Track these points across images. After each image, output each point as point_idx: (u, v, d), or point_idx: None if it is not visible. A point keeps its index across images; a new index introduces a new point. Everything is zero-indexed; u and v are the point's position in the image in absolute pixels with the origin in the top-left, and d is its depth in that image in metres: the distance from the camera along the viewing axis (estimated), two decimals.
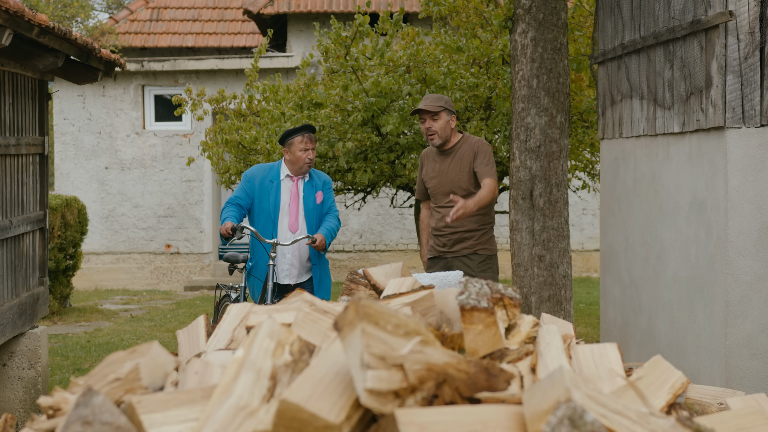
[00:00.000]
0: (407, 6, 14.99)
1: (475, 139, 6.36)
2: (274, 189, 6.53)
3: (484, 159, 6.26)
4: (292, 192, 6.56)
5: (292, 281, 6.58)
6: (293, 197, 6.56)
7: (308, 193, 6.57)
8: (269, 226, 6.49)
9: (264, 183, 6.54)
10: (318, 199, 6.58)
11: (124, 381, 2.03)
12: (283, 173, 6.58)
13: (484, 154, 6.27)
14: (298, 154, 6.48)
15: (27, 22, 6.14)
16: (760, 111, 5.46)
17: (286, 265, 6.54)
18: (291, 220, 6.53)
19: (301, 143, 6.48)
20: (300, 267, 6.58)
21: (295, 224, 6.53)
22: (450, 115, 6.32)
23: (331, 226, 6.55)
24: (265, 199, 6.52)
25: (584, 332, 10.09)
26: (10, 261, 7.27)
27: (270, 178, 6.55)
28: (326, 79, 9.91)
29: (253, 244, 6.60)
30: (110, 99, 15.80)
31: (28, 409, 7.51)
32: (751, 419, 1.96)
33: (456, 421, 1.60)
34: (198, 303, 13.38)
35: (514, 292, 2.29)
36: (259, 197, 6.53)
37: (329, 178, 6.81)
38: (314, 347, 1.97)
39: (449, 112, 6.32)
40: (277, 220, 6.52)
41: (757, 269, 5.50)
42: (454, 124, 6.36)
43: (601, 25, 7.79)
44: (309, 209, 6.55)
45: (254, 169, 6.67)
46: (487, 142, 6.40)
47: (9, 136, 7.17)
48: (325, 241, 6.43)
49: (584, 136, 10.14)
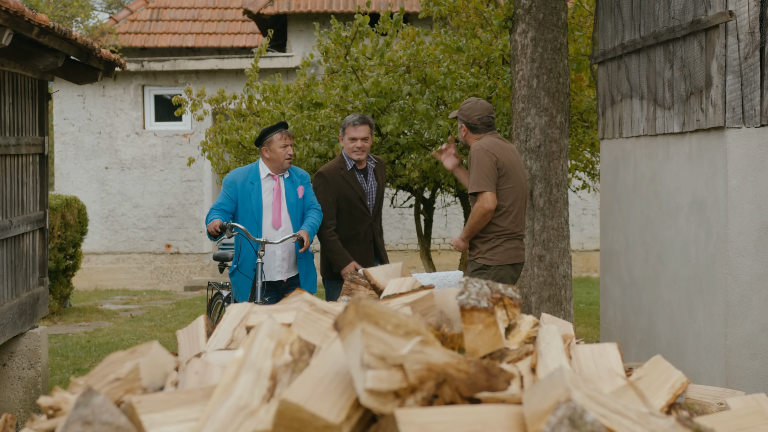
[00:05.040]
0: (407, 6, 14.99)
1: (473, 146, 6.11)
2: (255, 190, 6.62)
3: (470, 170, 6.03)
4: (275, 190, 6.65)
5: (284, 277, 6.64)
6: (276, 195, 6.64)
7: (289, 190, 6.66)
8: (254, 226, 6.57)
9: (245, 185, 6.63)
10: (299, 194, 6.67)
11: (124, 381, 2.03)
12: (264, 173, 6.64)
13: (472, 163, 6.02)
14: (279, 151, 6.55)
15: (27, 22, 6.14)
16: (760, 111, 5.46)
17: (278, 261, 6.62)
18: (274, 216, 6.62)
19: (280, 140, 6.56)
20: (290, 261, 6.67)
21: (278, 221, 6.62)
22: (461, 123, 6.27)
23: (314, 222, 6.66)
24: (247, 201, 6.60)
25: (584, 332, 10.10)
26: (10, 261, 7.27)
27: (250, 180, 6.64)
28: (326, 79, 9.91)
29: (239, 243, 6.65)
30: (110, 99, 15.80)
31: (28, 409, 7.51)
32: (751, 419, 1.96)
33: (456, 421, 1.60)
34: (198, 303, 13.39)
35: (514, 292, 2.29)
36: (242, 199, 6.62)
37: (307, 174, 6.93)
38: (314, 347, 1.97)
39: (460, 120, 6.26)
40: (261, 219, 6.60)
41: (757, 269, 5.50)
42: (464, 131, 6.25)
43: (601, 25, 7.79)
44: (292, 204, 6.65)
45: (233, 174, 6.77)
46: (477, 147, 6.05)
47: (9, 136, 7.17)
48: (309, 238, 6.51)
49: (584, 136, 10.14)
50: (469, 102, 6.22)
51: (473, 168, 5.97)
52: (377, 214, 7.06)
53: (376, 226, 7.06)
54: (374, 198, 7.01)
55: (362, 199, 6.91)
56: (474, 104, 6.19)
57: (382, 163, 7.20)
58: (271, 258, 6.61)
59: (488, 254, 6.04)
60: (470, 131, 6.16)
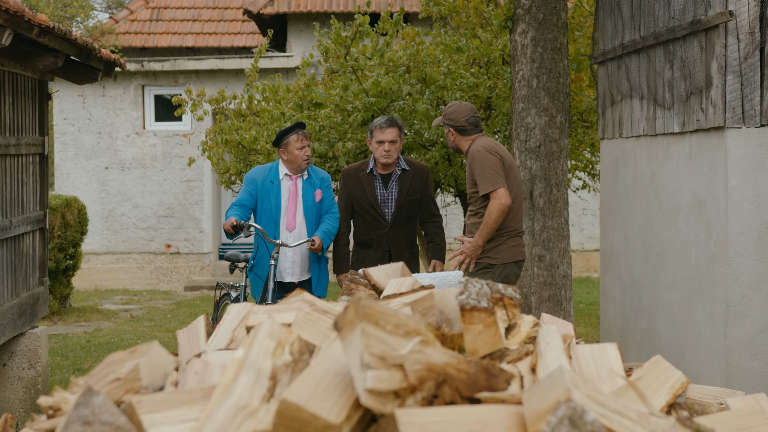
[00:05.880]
0: (407, 6, 14.99)
1: (472, 147, 6.04)
2: (275, 189, 6.58)
3: (476, 172, 5.93)
4: (291, 191, 6.60)
5: (295, 279, 6.62)
6: (292, 196, 6.60)
7: (307, 192, 6.60)
8: (272, 226, 6.54)
9: (265, 184, 6.59)
10: (317, 197, 6.61)
11: (124, 381, 2.03)
12: (282, 173, 6.61)
13: (476, 165, 5.93)
14: (296, 152, 6.51)
15: (27, 22, 6.14)
16: (760, 111, 5.46)
17: (288, 263, 6.59)
18: (288, 218, 6.58)
19: (297, 141, 6.51)
20: (302, 264, 6.63)
21: (293, 223, 6.57)
22: (448, 128, 6.19)
23: (329, 228, 6.56)
24: (266, 200, 6.57)
25: (584, 332, 10.10)
26: (10, 261, 7.27)
27: (270, 179, 6.60)
28: (326, 79, 9.91)
29: (257, 242, 6.64)
30: (110, 99, 15.80)
31: (28, 409, 7.51)
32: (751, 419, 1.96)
33: (456, 421, 1.60)
34: (198, 303, 13.38)
35: (514, 292, 2.29)
36: (262, 198, 6.58)
37: (328, 176, 6.81)
38: (314, 347, 1.97)
39: (446, 125, 6.19)
40: (279, 220, 6.56)
41: (757, 269, 5.50)
42: (452, 136, 6.18)
43: (601, 25, 7.79)
44: (308, 207, 6.58)
45: (255, 171, 6.71)
46: (479, 148, 5.96)
47: (9, 136, 7.17)
48: (323, 244, 6.46)
49: (584, 136, 10.14)
50: (452, 105, 6.14)
51: (480, 169, 5.89)
52: (399, 224, 6.66)
53: (397, 237, 6.66)
54: (393, 206, 6.62)
55: (374, 205, 6.60)
56: (458, 107, 6.12)
57: (420, 170, 6.74)
58: (281, 259, 6.57)
59: (492, 253, 6.02)
60: (459, 134, 6.09)
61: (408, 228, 6.71)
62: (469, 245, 5.99)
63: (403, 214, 6.65)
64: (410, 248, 6.73)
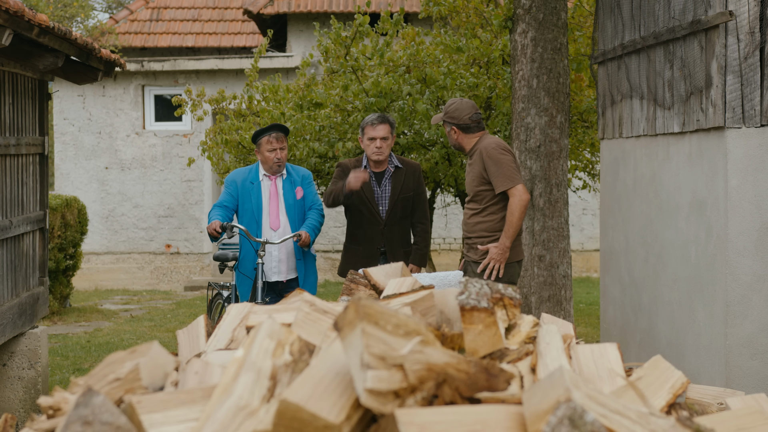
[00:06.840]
0: (407, 6, 14.99)
1: (482, 145, 6.00)
2: (255, 190, 6.64)
3: (492, 170, 5.88)
4: (271, 191, 6.66)
5: (282, 278, 6.64)
6: (272, 195, 6.65)
7: (287, 190, 6.65)
8: (254, 226, 6.58)
9: (245, 185, 6.65)
10: (298, 195, 6.66)
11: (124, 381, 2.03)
12: (261, 173, 6.66)
13: (491, 162, 5.87)
14: (267, 154, 6.57)
15: (27, 22, 6.14)
16: (760, 111, 5.46)
17: (274, 262, 6.63)
18: (272, 218, 6.63)
19: (267, 144, 6.55)
20: (288, 263, 6.65)
21: (276, 222, 6.62)
22: (450, 126, 6.17)
23: (314, 222, 6.62)
24: (247, 201, 6.62)
25: (584, 332, 10.09)
26: (10, 261, 7.27)
27: (250, 180, 6.68)
28: (326, 79, 9.91)
29: (241, 242, 6.68)
30: (110, 99, 15.80)
31: (28, 409, 7.51)
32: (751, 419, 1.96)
33: (456, 421, 1.60)
34: (198, 303, 13.38)
35: (514, 292, 2.29)
36: (243, 199, 6.64)
37: (309, 173, 6.84)
38: (314, 347, 1.97)
39: (448, 123, 6.16)
40: (260, 219, 6.60)
41: (757, 269, 5.50)
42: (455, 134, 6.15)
43: (601, 25, 7.79)
44: (290, 205, 6.63)
45: (235, 173, 6.80)
46: (493, 146, 5.92)
47: (9, 136, 7.17)
48: (310, 238, 6.48)
49: (584, 136, 10.14)
50: (454, 103, 6.11)
51: (497, 166, 5.85)
52: (394, 222, 6.62)
53: (391, 235, 6.62)
54: (387, 203, 6.59)
55: (368, 202, 6.57)
56: (460, 104, 6.08)
57: (412, 168, 6.72)
58: (267, 258, 6.62)
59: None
60: (463, 132, 6.06)
61: (402, 226, 6.70)
62: (496, 250, 5.91)
63: (397, 212, 6.63)
64: (405, 247, 6.69)
